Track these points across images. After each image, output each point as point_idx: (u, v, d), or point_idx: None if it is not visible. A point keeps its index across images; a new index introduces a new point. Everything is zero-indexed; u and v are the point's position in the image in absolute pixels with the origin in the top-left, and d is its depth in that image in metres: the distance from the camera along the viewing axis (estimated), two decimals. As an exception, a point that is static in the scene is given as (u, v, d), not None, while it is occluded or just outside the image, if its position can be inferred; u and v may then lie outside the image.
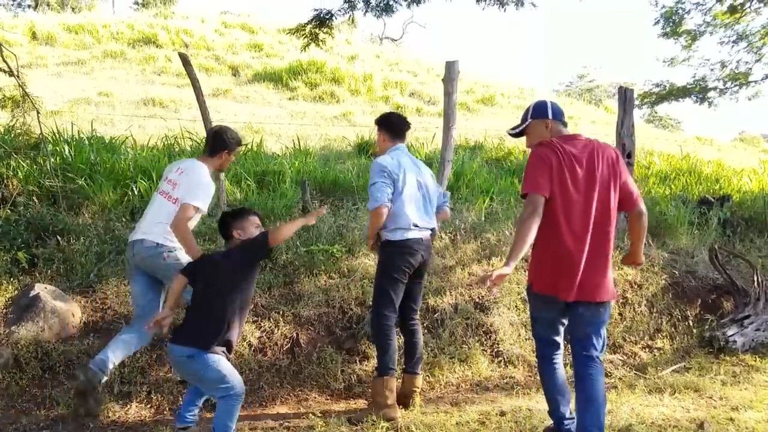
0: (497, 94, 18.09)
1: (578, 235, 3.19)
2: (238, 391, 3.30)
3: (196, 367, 3.23)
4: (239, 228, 3.52)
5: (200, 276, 3.39)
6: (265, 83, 15.73)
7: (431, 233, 4.24)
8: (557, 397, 3.46)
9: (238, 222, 3.54)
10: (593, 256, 3.20)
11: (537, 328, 3.53)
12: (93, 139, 7.67)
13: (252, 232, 3.52)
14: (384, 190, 4.01)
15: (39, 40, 16.51)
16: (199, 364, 3.22)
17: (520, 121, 3.56)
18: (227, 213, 3.68)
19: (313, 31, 8.95)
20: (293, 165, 8.16)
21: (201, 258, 3.59)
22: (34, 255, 5.22)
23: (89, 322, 4.76)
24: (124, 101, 12.59)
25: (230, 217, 3.58)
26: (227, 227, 3.56)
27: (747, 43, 13.53)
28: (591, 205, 3.21)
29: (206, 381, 3.30)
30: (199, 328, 3.30)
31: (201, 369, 3.23)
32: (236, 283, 3.37)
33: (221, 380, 3.24)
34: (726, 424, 3.79)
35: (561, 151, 3.23)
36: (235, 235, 3.50)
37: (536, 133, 3.46)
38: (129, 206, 6.23)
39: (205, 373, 3.24)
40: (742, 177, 10.93)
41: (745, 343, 5.44)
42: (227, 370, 3.28)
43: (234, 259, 3.42)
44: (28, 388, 4.12)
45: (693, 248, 6.98)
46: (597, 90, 39.18)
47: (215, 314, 3.31)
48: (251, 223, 3.56)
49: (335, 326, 5.08)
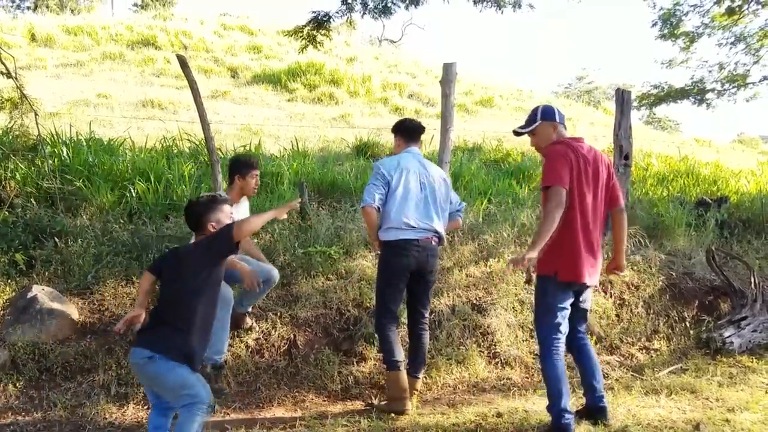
0: (496, 96, 18.10)
1: (588, 227, 3.61)
2: (202, 400, 2.95)
3: (156, 369, 2.93)
4: (213, 220, 3.16)
5: (165, 273, 3.15)
6: (263, 85, 15.73)
7: (435, 236, 4.22)
8: (561, 388, 3.57)
9: (211, 213, 3.17)
10: (596, 245, 3.67)
11: (555, 319, 3.64)
12: (91, 141, 7.67)
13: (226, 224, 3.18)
14: (372, 192, 4.07)
15: (38, 41, 16.50)
16: (158, 367, 2.91)
17: (528, 122, 3.81)
18: (197, 202, 3.25)
19: (311, 33, 8.96)
20: (291, 166, 8.16)
21: (167, 253, 3.37)
22: (31, 256, 5.23)
23: (86, 324, 4.77)
24: (123, 103, 12.59)
25: (201, 207, 3.19)
26: (198, 218, 3.18)
27: (745, 45, 13.55)
28: (596, 200, 3.66)
29: (167, 387, 2.99)
30: (159, 329, 3.02)
31: (161, 372, 2.93)
32: (199, 282, 3.03)
33: (183, 385, 2.93)
34: (722, 425, 3.78)
35: (576, 150, 3.62)
36: (210, 228, 3.14)
37: (544, 134, 3.75)
38: (127, 208, 6.24)
39: (165, 376, 2.94)
40: (739, 179, 10.94)
41: (741, 344, 5.45)
42: (190, 376, 2.96)
43: (197, 255, 3.10)
44: (25, 390, 4.12)
45: (690, 250, 6.99)
46: (596, 92, 39.23)
47: (176, 315, 3.00)
48: (225, 214, 3.22)
49: (332, 328, 5.09)
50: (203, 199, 3.25)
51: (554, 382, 3.60)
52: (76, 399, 4.09)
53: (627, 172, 6.89)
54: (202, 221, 3.16)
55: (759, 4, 12.33)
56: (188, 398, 2.93)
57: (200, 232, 3.20)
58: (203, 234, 3.16)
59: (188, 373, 2.95)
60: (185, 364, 2.94)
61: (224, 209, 3.22)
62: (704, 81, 13.80)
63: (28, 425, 3.83)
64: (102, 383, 4.23)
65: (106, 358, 4.41)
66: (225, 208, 3.23)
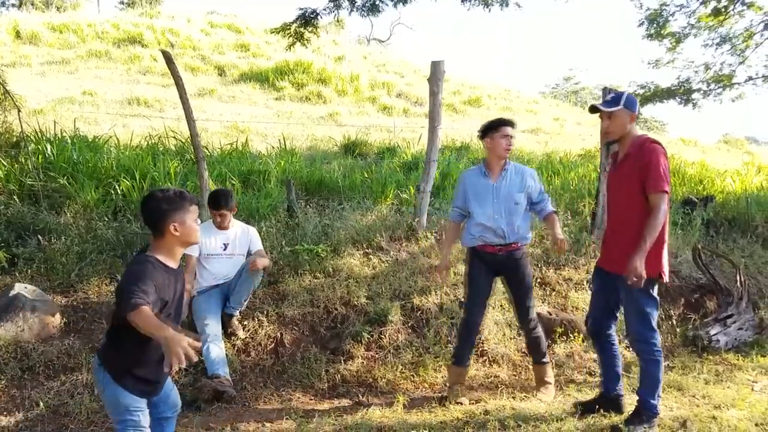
0: (484, 96, 18.17)
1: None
2: (133, 426, 2.62)
3: (99, 377, 2.63)
4: (177, 220, 2.59)
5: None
6: (251, 83, 15.68)
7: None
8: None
9: (176, 212, 2.60)
10: None
11: (655, 314, 3.67)
12: (76, 138, 7.60)
13: (191, 229, 2.64)
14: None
15: (23, 39, 16.35)
16: (101, 375, 2.62)
17: (611, 102, 3.65)
18: (160, 196, 2.63)
19: (299, 30, 8.93)
20: (279, 164, 8.12)
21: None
22: (14, 254, 5.17)
23: (70, 323, 4.71)
24: (109, 100, 12.51)
25: (165, 203, 2.59)
26: (160, 216, 2.58)
27: (731, 46, 13.62)
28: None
29: (104, 398, 2.69)
30: (106, 337, 2.74)
31: (102, 382, 2.62)
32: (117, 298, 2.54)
33: (116, 405, 2.62)
34: (708, 422, 3.79)
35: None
36: (171, 230, 2.58)
37: (620, 121, 3.61)
38: (111, 206, 6.17)
39: (105, 388, 2.62)
40: (725, 178, 11.01)
41: (728, 342, 5.47)
42: (128, 400, 2.60)
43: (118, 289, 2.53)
44: (7, 389, 4.06)
45: (677, 248, 7.01)
46: (582, 92, 39.42)
47: (112, 327, 2.67)
48: (192, 216, 2.65)
49: (319, 326, 5.05)
50: (169, 194, 2.63)
51: (659, 374, 3.68)
52: (59, 398, 4.03)
53: (614, 170, 6.90)
54: (164, 221, 2.58)
55: (744, 5, 12.41)
56: (119, 424, 2.64)
57: (158, 235, 2.61)
58: (161, 237, 2.60)
59: (128, 401, 2.61)
60: (120, 384, 2.60)
61: (192, 210, 2.65)
62: (690, 81, 13.87)
63: (10, 425, 3.76)
64: (85, 382, 4.17)
65: (90, 357, 4.35)
66: (193, 209, 2.66)
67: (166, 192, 2.65)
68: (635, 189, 3.53)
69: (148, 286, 2.44)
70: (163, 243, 2.62)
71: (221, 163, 7.87)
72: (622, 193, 3.66)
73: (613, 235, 3.78)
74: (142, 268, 2.53)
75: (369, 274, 5.65)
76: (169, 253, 2.64)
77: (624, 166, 3.64)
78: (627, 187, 3.59)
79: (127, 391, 2.60)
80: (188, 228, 2.62)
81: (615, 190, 3.79)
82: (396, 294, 5.35)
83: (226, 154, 8.63)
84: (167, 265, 2.63)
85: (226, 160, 8.23)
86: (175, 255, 2.68)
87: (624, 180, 3.62)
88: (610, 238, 3.84)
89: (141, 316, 2.32)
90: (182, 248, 2.70)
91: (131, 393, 2.61)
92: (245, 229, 5.00)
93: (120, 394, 2.59)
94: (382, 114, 15.27)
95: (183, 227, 2.60)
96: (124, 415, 2.62)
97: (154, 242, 2.65)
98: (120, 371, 2.60)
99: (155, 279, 2.51)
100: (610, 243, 3.81)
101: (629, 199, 3.59)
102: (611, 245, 3.78)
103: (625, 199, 3.62)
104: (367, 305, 5.23)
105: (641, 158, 3.51)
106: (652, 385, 3.67)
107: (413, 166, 9.42)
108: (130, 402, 2.61)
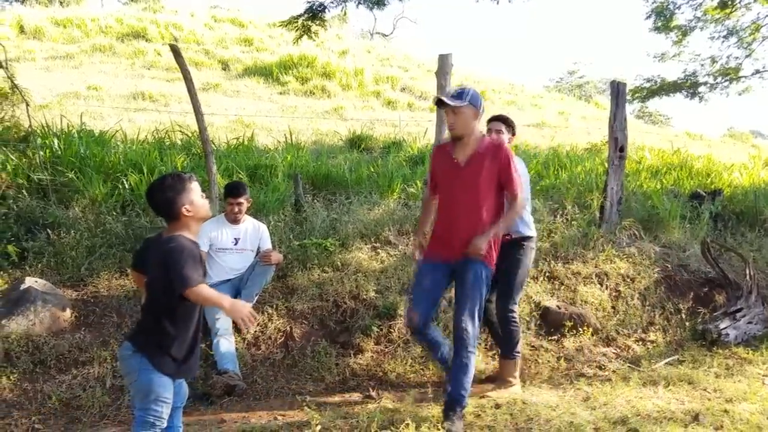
0: (488, 90, 18.10)
1: None
2: (155, 416, 2.70)
3: (133, 364, 2.70)
4: (187, 202, 2.72)
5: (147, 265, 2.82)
6: (255, 77, 15.64)
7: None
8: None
9: (183, 195, 2.72)
10: None
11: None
12: (82, 133, 7.58)
13: (202, 204, 2.77)
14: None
15: (27, 34, 16.32)
16: (136, 362, 2.69)
17: (456, 97, 3.65)
18: (164, 185, 2.74)
19: (306, 23, 8.90)
20: (285, 159, 8.12)
21: (145, 242, 3.04)
22: (24, 248, 5.17)
23: (80, 316, 4.72)
24: (114, 95, 12.48)
25: (171, 191, 2.71)
26: (171, 205, 2.71)
27: (737, 39, 13.59)
28: None
29: (135, 386, 2.74)
30: (140, 324, 2.88)
31: (137, 369, 2.69)
32: (158, 283, 2.70)
33: (147, 393, 2.69)
34: (721, 415, 3.79)
35: None
36: (184, 212, 2.71)
37: (465, 118, 3.67)
38: (119, 200, 6.17)
39: (138, 375, 2.69)
40: (732, 172, 10.98)
41: (737, 335, 5.46)
42: (160, 389, 2.70)
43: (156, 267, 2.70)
44: (19, 383, 4.07)
45: (685, 242, 7.00)
46: (587, 86, 39.29)
47: (149, 312, 2.78)
48: (196, 193, 2.77)
49: (329, 320, 5.06)
50: (169, 181, 2.75)
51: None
52: (70, 391, 4.04)
53: (622, 164, 6.90)
54: (175, 206, 2.70)
55: (751, -3, 12.37)
56: (144, 405, 2.70)
57: (173, 221, 2.74)
58: (177, 220, 2.72)
59: (160, 385, 2.69)
60: (156, 368, 2.69)
61: (194, 188, 2.77)
62: (697, 74, 13.83)
63: (23, 418, 3.77)
64: (97, 376, 4.18)
65: (101, 350, 4.36)
66: (194, 186, 2.78)
67: (165, 181, 2.76)
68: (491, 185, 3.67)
69: (196, 262, 2.64)
70: (182, 224, 2.74)
71: (228, 157, 7.87)
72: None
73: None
74: (183, 247, 2.65)
75: (377, 268, 5.65)
76: (189, 230, 2.77)
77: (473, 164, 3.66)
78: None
79: (162, 375, 2.69)
80: (198, 204, 2.76)
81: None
82: (405, 288, 5.34)
83: (232, 149, 8.63)
84: (193, 240, 2.77)
85: (233, 154, 8.23)
86: (194, 231, 2.80)
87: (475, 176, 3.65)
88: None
89: (202, 291, 2.59)
90: (198, 224, 2.82)
91: (166, 375, 2.71)
92: (256, 226, 5.02)
93: (154, 380, 2.68)
94: (387, 108, 15.23)
95: (193, 206, 2.74)
96: (151, 404, 2.69)
97: (171, 225, 2.76)
98: (158, 353, 2.69)
99: (194, 254, 2.67)
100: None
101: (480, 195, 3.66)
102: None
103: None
104: (376, 299, 5.24)
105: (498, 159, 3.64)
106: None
107: (419, 160, 9.40)
108: (162, 391, 2.70)
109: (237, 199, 4.82)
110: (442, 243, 3.77)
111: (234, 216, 4.86)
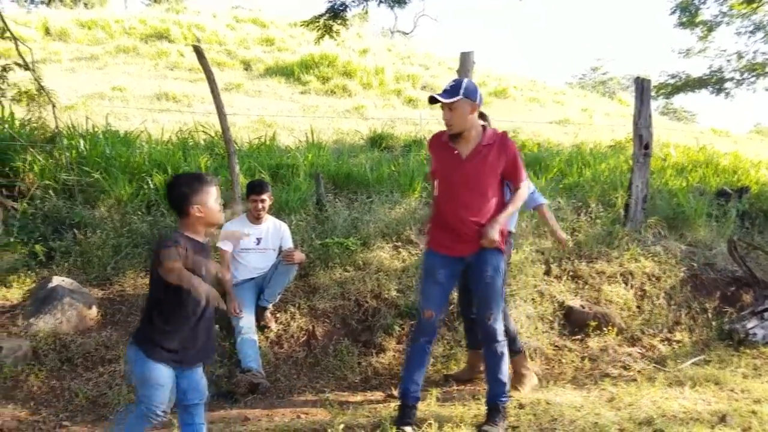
0: (510, 87, 17.96)
1: None
2: (152, 408, 2.73)
3: (130, 355, 2.77)
4: (198, 202, 2.73)
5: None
6: (276, 77, 15.70)
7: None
8: None
9: (196, 194, 2.73)
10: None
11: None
12: (108, 134, 7.68)
13: (214, 209, 2.78)
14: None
15: (52, 35, 16.56)
16: (132, 353, 2.76)
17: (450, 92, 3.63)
18: (182, 181, 2.82)
19: (327, 23, 8.91)
20: (306, 158, 8.14)
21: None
22: (51, 248, 5.26)
23: (107, 315, 4.79)
24: (138, 96, 12.62)
25: (186, 187, 2.75)
26: (182, 199, 2.74)
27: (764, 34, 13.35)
28: None
29: (134, 376, 2.80)
30: (140, 319, 2.97)
31: (134, 360, 2.75)
32: (151, 275, 2.82)
33: (142, 380, 2.73)
34: (748, 416, 3.73)
35: None
36: (194, 212, 2.72)
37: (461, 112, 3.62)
38: (145, 200, 6.24)
39: (134, 365, 2.75)
40: (759, 169, 10.77)
41: (765, 335, 5.36)
42: (154, 373, 2.71)
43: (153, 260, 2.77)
44: (46, 380, 4.14)
45: (711, 240, 6.89)
46: (610, 82, 38.89)
47: (145, 306, 2.88)
48: (212, 197, 2.78)
49: (351, 319, 5.08)
50: (188, 178, 2.83)
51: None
52: (97, 389, 4.10)
53: (647, 161, 6.82)
54: (186, 203, 2.72)
55: (779, -9, 12.14)
56: (141, 397, 2.76)
57: (183, 216, 2.76)
58: (186, 217, 2.75)
59: (156, 375, 2.71)
60: (148, 356, 2.71)
61: (211, 191, 2.77)
62: (723, 70, 13.62)
63: (51, 415, 3.84)
64: (123, 374, 4.23)
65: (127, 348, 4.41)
66: (212, 190, 2.78)
67: (185, 176, 2.89)
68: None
69: (179, 247, 2.63)
70: (189, 222, 2.76)
71: (250, 157, 7.91)
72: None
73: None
74: (174, 240, 2.67)
75: (399, 267, 5.65)
76: (194, 230, 2.78)
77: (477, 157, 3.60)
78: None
79: (157, 363, 2.71)
80: (210, 209, 2.76)
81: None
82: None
83: (254, 149, 8.68)
84: (195, 239, 2.78)
85: (255, 154, 8.27)
86: (200, 234, 2.82)
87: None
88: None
89: (175, 265, 2.57)
90: (205, 228, 2.83)
91: (162, 363, 2.72)
92: (278, 225, 5.04)
93: (148, 368, 2.71)
94: (408, 106, 15.19)
95: (205, 208, 2.74)
96: (149, 390, 2.73)
97: (180, 223, 2.81)
98: (149, 344, 2.73)
99: (184, 245, 2.67)
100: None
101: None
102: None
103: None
104: (397, 298, 5.24)
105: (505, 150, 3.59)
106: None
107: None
108: (158, 376, 2.72)
109: (260, 196, 4.85)
110: (453, 237, 3.66)
111: (257, 213, 4.89)
